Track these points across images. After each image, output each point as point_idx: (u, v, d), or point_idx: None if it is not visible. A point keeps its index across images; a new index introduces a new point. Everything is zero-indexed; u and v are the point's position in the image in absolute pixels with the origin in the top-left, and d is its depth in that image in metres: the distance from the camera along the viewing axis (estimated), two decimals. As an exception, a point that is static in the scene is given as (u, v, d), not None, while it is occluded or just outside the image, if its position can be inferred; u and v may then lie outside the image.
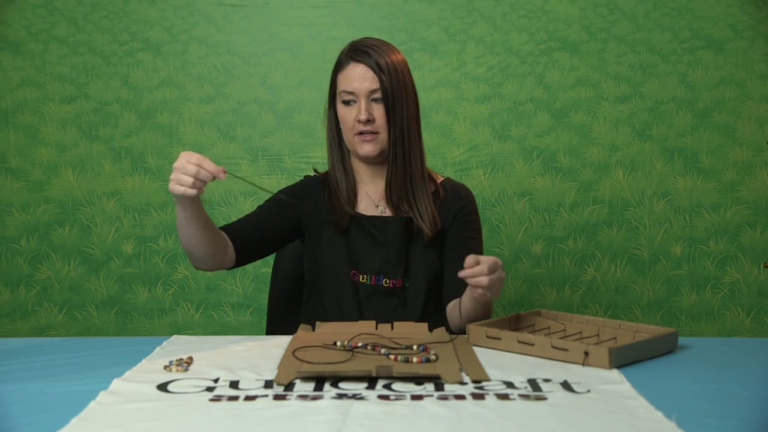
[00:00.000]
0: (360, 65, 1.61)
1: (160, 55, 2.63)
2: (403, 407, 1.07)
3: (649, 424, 1.01)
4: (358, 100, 1.61)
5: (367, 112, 1.60)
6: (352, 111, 1.62)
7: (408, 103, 1.62)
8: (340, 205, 1.67)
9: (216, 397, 1.13)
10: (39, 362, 1.33)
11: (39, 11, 2.62)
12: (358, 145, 1.63)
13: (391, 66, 1.61)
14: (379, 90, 1.60)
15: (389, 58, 1.61)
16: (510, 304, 2.66)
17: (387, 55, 1.61)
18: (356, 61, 1.62)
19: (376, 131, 1.61)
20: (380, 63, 1.60)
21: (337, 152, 1.70)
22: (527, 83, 2.64)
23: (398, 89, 1.61)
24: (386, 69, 1.60)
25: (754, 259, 2.67)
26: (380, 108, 1.61)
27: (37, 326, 2.66)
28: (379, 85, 1.60)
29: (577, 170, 2.66)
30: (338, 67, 1.66)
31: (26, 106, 2.63)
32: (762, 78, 2.64)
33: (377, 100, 1.61)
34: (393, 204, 1.66)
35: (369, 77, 1.60)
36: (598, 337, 1.47)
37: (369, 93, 1.60)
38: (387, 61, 1.60)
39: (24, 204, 2.65)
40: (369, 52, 1.61)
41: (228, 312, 2.68)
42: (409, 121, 1.63)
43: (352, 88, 1.61)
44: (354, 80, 1.61)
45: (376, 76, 1.60)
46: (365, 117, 1.59)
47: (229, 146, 2.63)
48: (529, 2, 2.63)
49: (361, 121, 1.60)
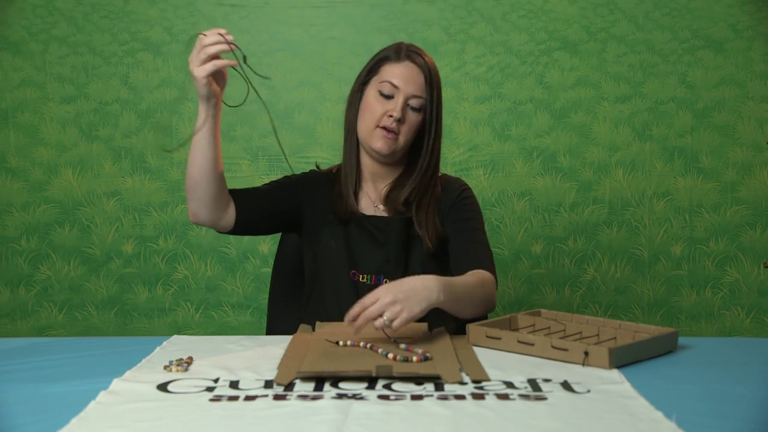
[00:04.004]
0: (416, 68, 1.61)
1: (160, 55, 2.63)
2: (403, 407, 1.07)
3: (649, 424, 1.01)
4: (397, 97, 1.60)
5: (401, 112, 1.60)
6: (387, 104, 1.61)
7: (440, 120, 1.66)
8: (347, 197, 1.67)
9: (216, 397, 1.13)
10: (39, 362, 1.33)
11: (39, 11, 2.62)
12: (375, 137, 1.62)
13: (436, 82, 1.63)
14: (422, 99, 1.61)
15: (435, 74, 1.64)
16: (510, 304, 2.66)
17: (434, 71, 1.64)
18: (413, 62, 1.62)
19: (398, 133, 1.61)
20: (432, 76, 1.62)
21: (354, 141, 1.69)
22: (527, 83, 2.64)
23: (438, 106, 1.64)
24: (433, 83, 1.62)
25: (754, 259, 2.67)
26: (413, 116, 1.62)
27: (37, 326, 2.66)
28: (424, 95, 1.61)
29: (577, 170, 2.66)
30: (387, 59, 1.64)
31: (26, 106, 2.63)
32: (762, 78, 2.64)
33: (414, 109, 1.62)
34: (392, 205, 1.66)
35: (419, 83, 1.61)
36: (598, 337, 1.47)
37: (410, 97, 1.60)
38: (434, 77, 1.63)
39: (24, 204, 2.65)
40: (425, 59, 1.63)
41: (228, 312, 2.68)
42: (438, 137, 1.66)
43: (399, 83, 1.60)
44: (402, 78, 1.60)
45: (426, 86, 1.61)
46: (398, 115, 1.59)
47: (229, 146, 2.63)
48: (529, 2, 2.63)
49: (393, 117, 1.59)
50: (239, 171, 2.62)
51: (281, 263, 1.90)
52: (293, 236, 1.84)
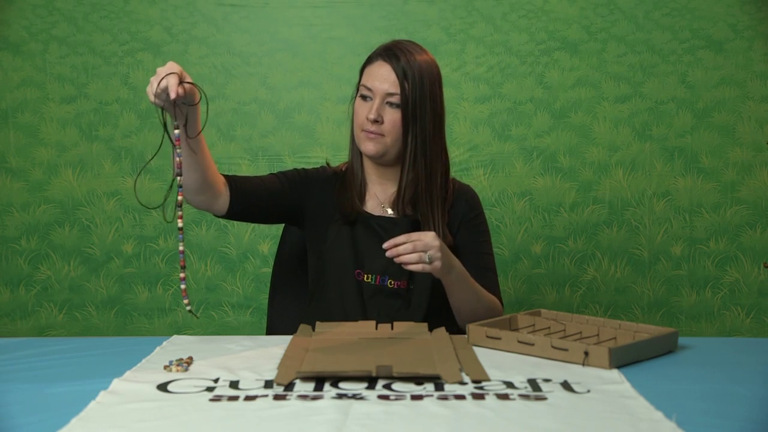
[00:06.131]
0: (386, 66, 1.61)
1: (160, 55, 2.63)
2: (403, 407, 1.08)
3: (649, 424, 1.01)
4: (374, 98, 1.61)
5: (376, 113, 1.59)
6: (366, 107, 1.62)
7: (431, 115, 1.62)
8: (352, 196, 1.67)
9: (216, 397, 1.13)
10: (39, 362, 1.33)
11: (39, 11, 2.62)
12: (362, 141, 1.63)
13: (417, 75, 1.59)
14: (397, 96, 1.59)
15: (418, 66, 1.60)
16: (510, 304, 2.66)
17: (417, 64, 1.60)
18: (384, 60, 1.61)
19: (381, 133, 1.61)
20: (406, 70, 1.59)
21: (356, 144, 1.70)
22: (527, 83, 2.64)
23: (421, 99, 1.60)
24: (411, 77, 1.59)
25: (754, 259, 2.67)
26: (393, 113, 1.60)
27: (37, 326, 2.66)
28: (399, 92, 1.59)
29: (577, 170, 2.66)
30: (367, 61, 1.65)
31: (26, 106, 2.63)
32: (762, 78, 2.64)
33: (393, 105, 1.60)
34: (401, 210, 1.67)
35: (391, 80, 1.60)
36: (598, 337, 1.47)
37: (386, 95, 1.60)
38: (414, 70, 1.59)
39: (24, 204, 2.65)
40: (399, 55, 1.60)
41: (228, 312, 2.68)
42: (431, 133, 1.62)
43: (372, 85, 1.61)
44: (376, 78, 1.61)
45: (398, 81, 1.59)
46: (373, 117, 1.59)
47: (229, 146, 2.63)
48: (529, 2, 2.63)
49: (369, 119, 1.60)
50: (239, 171, 2.62)
51: (282, 263, 1.90)
52: (294, 236, 1.84)
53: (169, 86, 1.33)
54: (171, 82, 1.33)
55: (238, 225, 2.65)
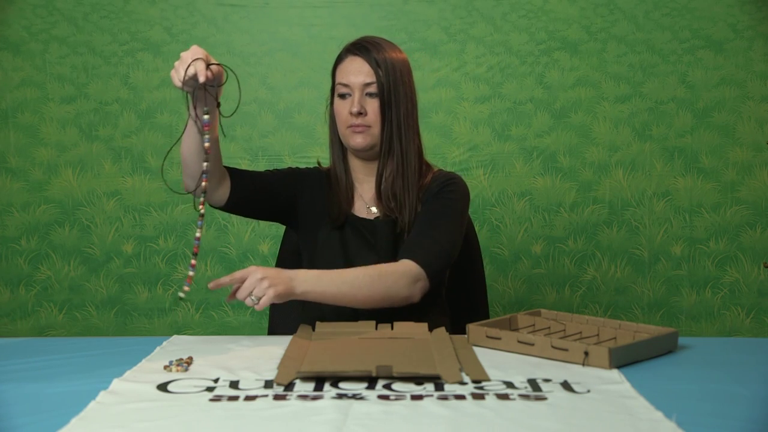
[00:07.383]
0: (357, 59, 1.62)
1: (160, 55, 2.63)
2: (403, 407, 1.07)
3: (649, 424, 1.01)
4: (353, 93, 1.61)
5: (359, 105, 1.60)
6: (347, 104, 1.62)
7: (405, 101, 1.63)
8: (339, 201, 1.67)
9: (216, 397, 1.13)
10: (39, 362, 1.33)
11: (39, 11, 2.62)
12: (350, 137, 1.63)
13: (389, 63, 1.61)
14: (374, 84, 1.60)
15: (388, 55, 1.62)
16: (510, 304, 2.66)
17: (386, 52, 1.62)
18: (354, 55, 1.63)
19: (367, 125, 1.61)
20: (378, 58, 1.61)
21: (337, 148, 1.71)
22: (527, 83, 2.64)
23: (395, 85, 1.61)
24: (383, 65, 1.60)
25: (754, 259, 2.67)
26: (374, 103, 1.61)
27: (37, 326, 2.66)
28: (375, 80, 1.60)
29: (577, 170, 2.66)
30: (337, 61, 1.67)
31: (26, 106, 2.63)
32: (762, 78, 2.64)
33: (372, 95, 1.61)
34: (383, 202, 1.66)
35: (365, 71, 1.61)
36: (598, 337, 1.47)
37: (363, 86, 1.61)
38: (385, 57, 1.61)
39: (24, 204, 2.65)
40: (368, 47, 1.62)
41: (228, 312, 2.68)
42: (406, 118, 1.63)
43: (348, 80, 1.62)
44: (350, 73, 1.62)
45: (372, 70, 1.60)
46: (356, 110, 1.60)
47: (229, 146, 2.62)
48: (529, 2, 2.63)
49: (353, 113, 1.60)
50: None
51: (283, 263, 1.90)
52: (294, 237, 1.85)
53: (198, 71, 1.39)
54: (199, 67, 1.39)
55: (238, 225, 2.65)
